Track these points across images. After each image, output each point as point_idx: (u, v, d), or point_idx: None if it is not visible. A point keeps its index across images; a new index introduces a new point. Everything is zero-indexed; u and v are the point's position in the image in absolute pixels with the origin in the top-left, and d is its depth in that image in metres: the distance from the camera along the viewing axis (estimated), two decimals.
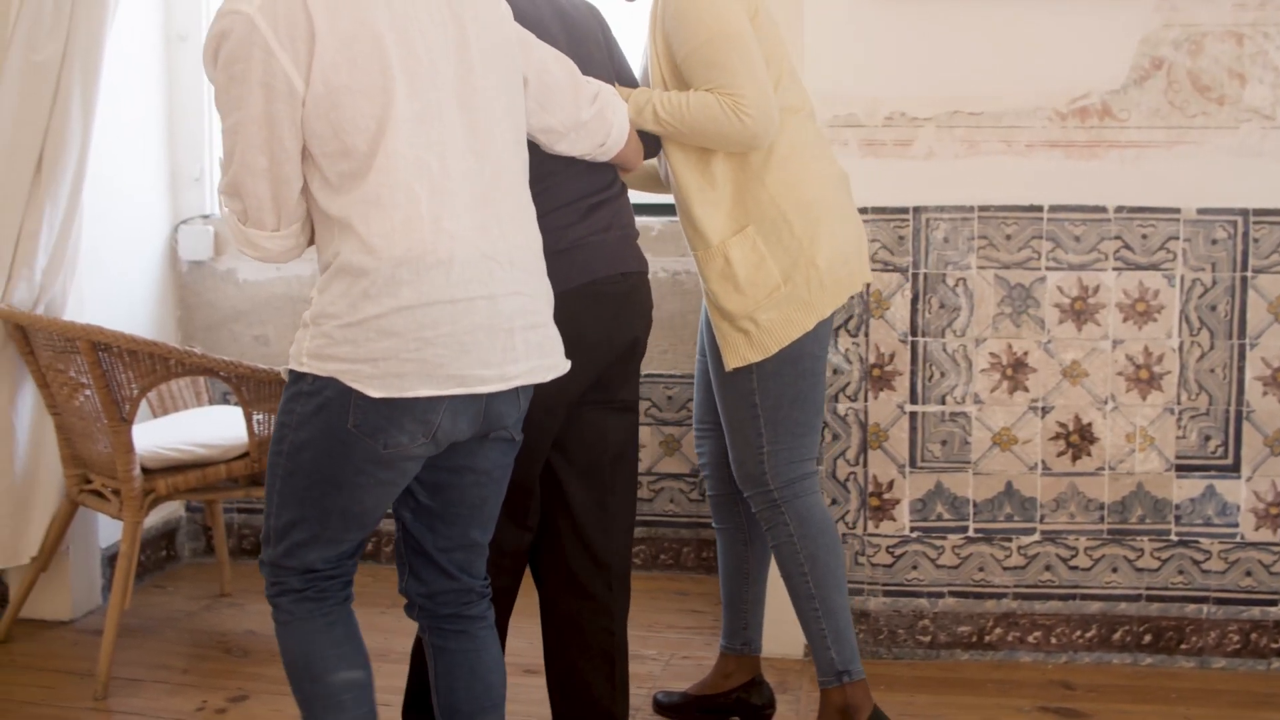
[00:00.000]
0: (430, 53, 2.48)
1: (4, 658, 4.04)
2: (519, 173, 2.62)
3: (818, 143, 3.24)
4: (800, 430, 3.24)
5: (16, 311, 3.90)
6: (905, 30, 3.81)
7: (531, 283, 2.57)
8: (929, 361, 3.88)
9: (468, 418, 2.52)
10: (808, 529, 3.25)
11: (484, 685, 2.75)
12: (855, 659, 3.27)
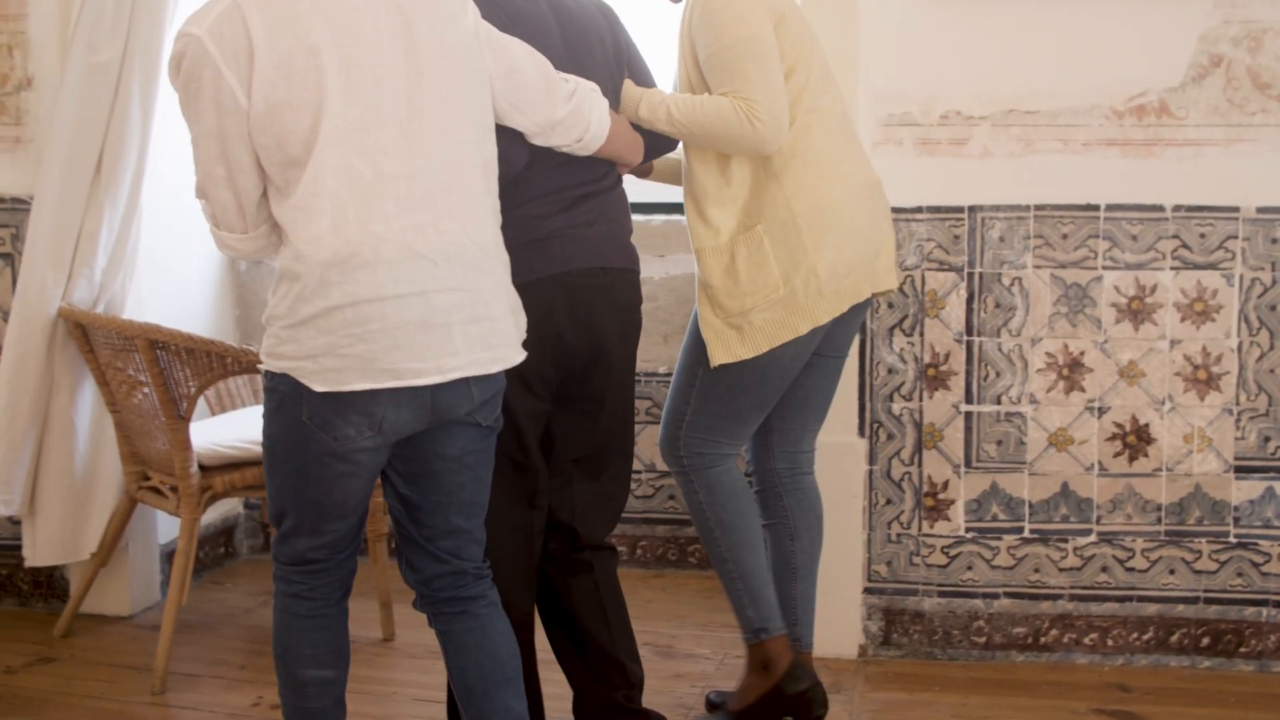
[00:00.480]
0: (374, 63, 2.60)
1: (64, 651, 4.09)
2: (474, 170, 2.71)
3: (846, 146, 3.29)
4: (726, 414, 3.35)
5: (76, 310, 3.95)
6: (961, 29, 3.79)
7: (474, 279, 2.67)
8: (984, 361, 3.86)
9: (411, 410, 2.65)
10: (715, 495, 3.38)
11: (492, 661, 2.84)
12: (773, 616, 3.40)
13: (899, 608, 3.95)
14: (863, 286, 3.28)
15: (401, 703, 3.73)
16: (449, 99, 2.68)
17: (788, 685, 3.39)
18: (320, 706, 2.89)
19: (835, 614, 3.93)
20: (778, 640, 3.39)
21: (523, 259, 2.95)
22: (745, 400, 3.34)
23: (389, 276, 2.58)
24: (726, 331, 3.25)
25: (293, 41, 2.54)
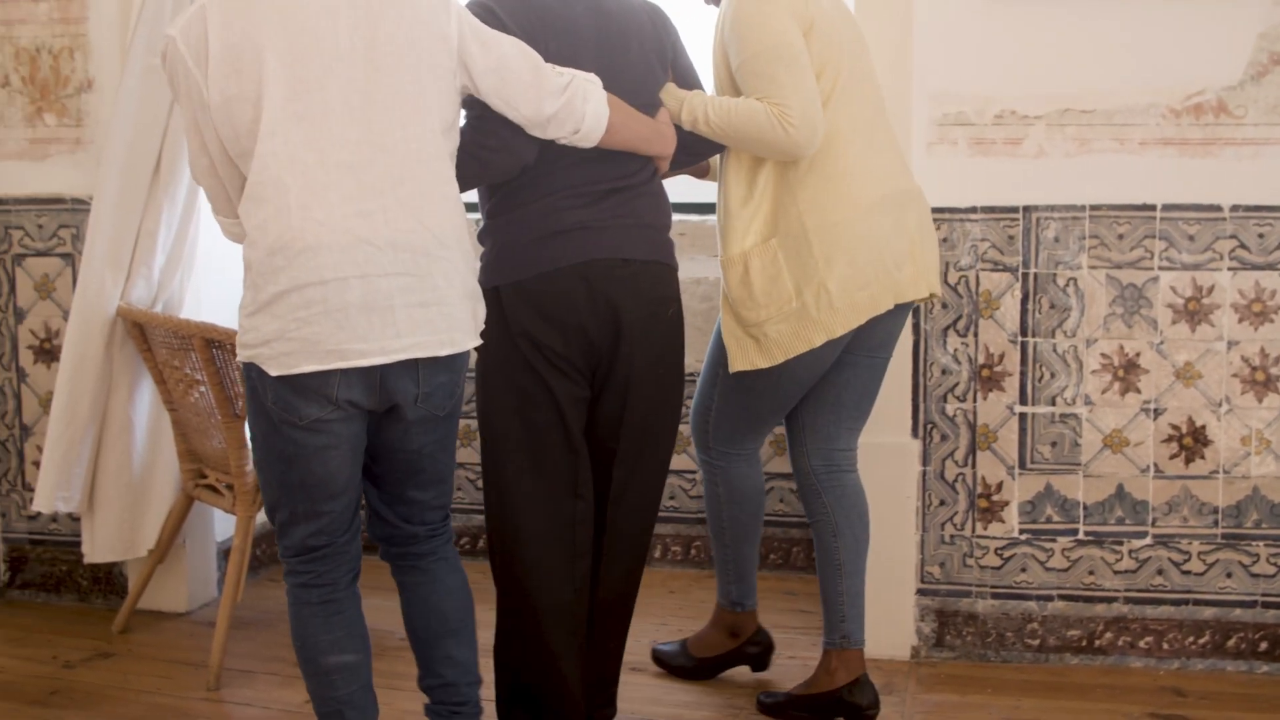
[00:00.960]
0: (324, 58, 2.72)
1: (122, 647, 4.14)
2: (434, 161, 2.81)
3: (867, 158, 3.34)
4: (742, 417, 3.57)
5: (134, 309, 3.99)
6: (1016, 28, 3.77)
7: (423, 264, 2.76)
8: (1039, 362, 3.84)
9: (361, 389, 2.76)
10: (733, 495, 3.69)
11: (437, 613, 3.03)
12: (750, 595, 3.80)
13: (952, 609, 3.93)
14: (882, 299, 3.32)
15: None
16: (409, 94, 2.77)
17: (749, 647, 3.83)
18: (349, 693, 2.95)
19: (888, 615, 3.92)
20: (749, 614, 3.82)
21: (545, 250, 3.06)
22: (762, 405, 3.53)
23: (330, 260, 2.68)
24: (745, 340, 3.37)
25: (241, 38, 2.69)
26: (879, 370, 3.54)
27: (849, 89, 3.32)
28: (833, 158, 3.29)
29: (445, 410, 2.90)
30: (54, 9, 4.35)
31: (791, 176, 3.29)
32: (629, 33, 3.19)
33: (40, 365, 4.46)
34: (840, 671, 3.53)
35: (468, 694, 3.07)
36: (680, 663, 3.89)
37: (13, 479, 4.54)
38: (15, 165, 4.42)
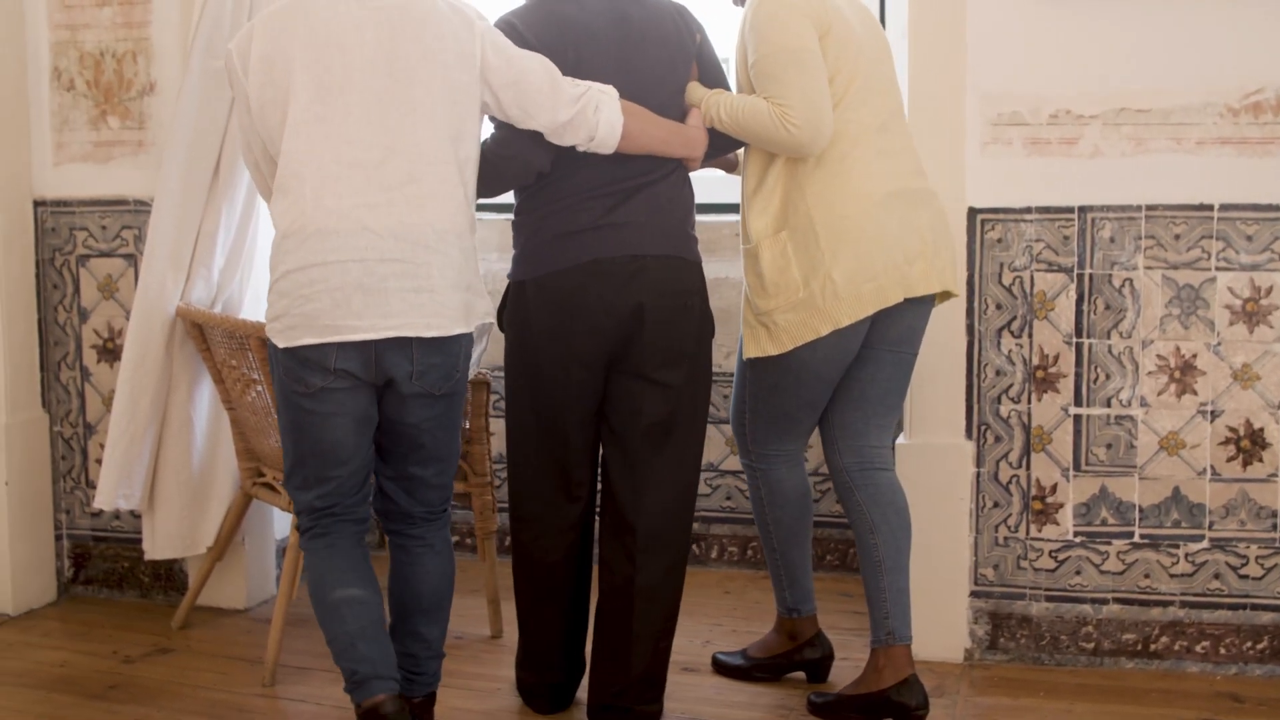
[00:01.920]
0: (347, 68, 3.04)
1: (181, 643, 4.19)
2: (444, 165, 3.08)
3: (877, 159, 3.44)
4: (773, 416, 3.63)
5: (193, 309, 4.05)
6: (1070, 26, 3.74)
7: (421, 255, 3.03)
8: (1094, 363, 3.81)
9: (357, 362, 3.05)
10: (776, 497, 3.71)
11: (413, 592, 3.30)
12: (806, 600, 3.79)
13: (1006, 611, 3.91)
14: (890, 292, 3.40)
15: (506, 697, 3.77)
16: (422, 104, 3.06)
17: (807, 652, 3.81)
18: (359, 627, 3.16)
19: (940, 617, 3.91)
20: (807, 619, 3.81)
21: (560, 248, 3.34)
22: (791, 401, 3.57)
23: (335, 244, 3.00)
24: (758, 328, 3.50)
25: (274, 49, 3.06)
26: (904, 366, 3.58)
27: (864, 93, 3.43)
28: (841, 156, 3.40)
29: (441, 390, 3.14)
30: (117, 14, 4.42)
31: (801, 172, 3.42)
32: (649, 38, 3.40)
33: (103, 364, 4.52)
34: (887, 670, 3.50)
35: (426, 666, 3.35)
36: (736, 663, 3.90)
37: (76, 477, 4.61)
38: (80, 167, 4.49)
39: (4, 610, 4.46)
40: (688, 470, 3.51)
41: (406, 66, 3.05)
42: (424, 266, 3.03)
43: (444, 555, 3.34)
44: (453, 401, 3.20)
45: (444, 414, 3.20)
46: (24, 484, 4.50)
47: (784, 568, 3.77)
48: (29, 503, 4.52)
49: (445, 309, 3.07)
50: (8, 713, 3.70)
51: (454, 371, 3.15)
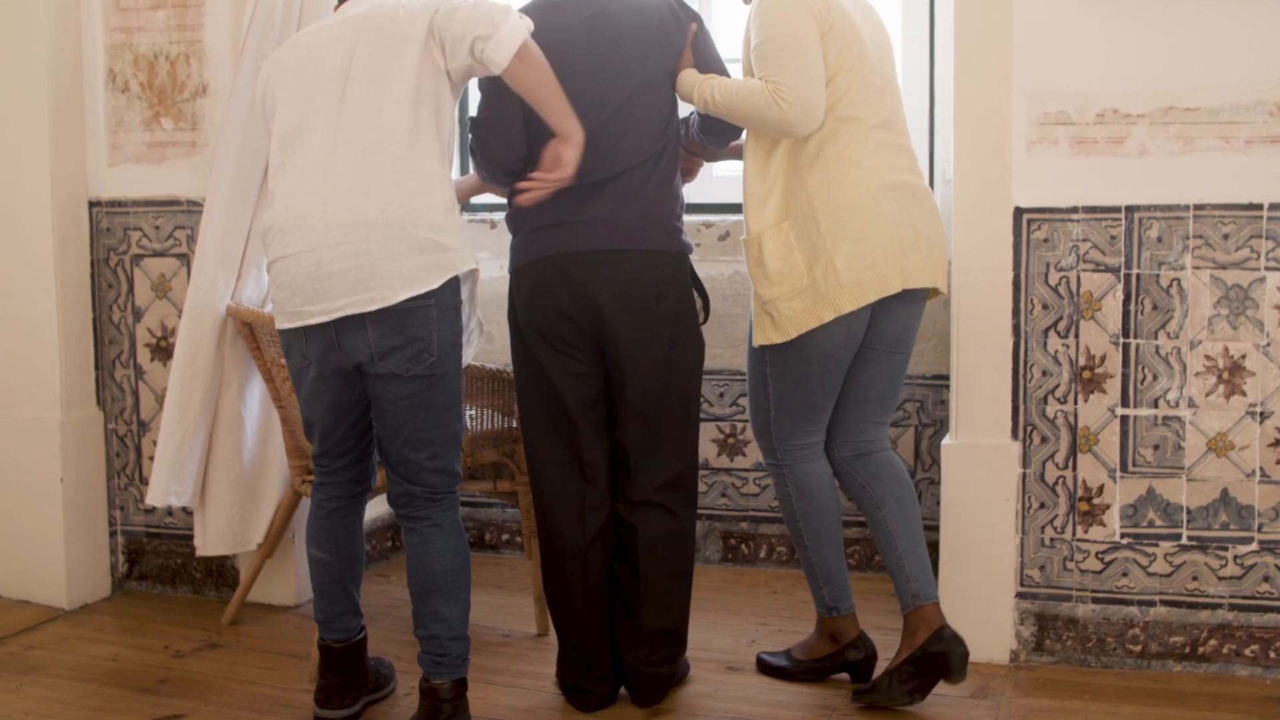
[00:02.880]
0: (319, 79, 3.34)
1: (231, 638, 4.23)
2: (396, 159, 3.27)
3: (876, 152, 3.54)
4: (801, 408, 3.67)
5: (244, 309, 4.09)
6: (1117, 25, 3.72)
7: (363, 235, 3.24)
8: (1141, 364, 3.78)
9: (320, 345, 3.32)
10: (803, 492, 3.73)
11: (427, 572, 3.42)
12: (844, 598, 3.79)
13: (1052, 613, 3.89)
14: (890, 280, 3.51)
15: (550, 696, 3.79)
16: (376, 101, 3.28)
17: (850, 654, 3.80)
18: (321, 584, 3.59)
19: (986, 618, 3.89)
20: (847, 618, 3.80)
21: (532, 242, 3.60)
22: (816, 390, 3.65)
23: (292, 239, 3.29)
24: (763, 316, 3.59)
25: (277, 69, 3.44)
26: (899, 367, 3.72)
27: (865, 89, 3.53)
28: (841, 149, 3.50)
29: (411, 372, 3.30)
30: (171, 17, 4.47)
31: (802, 162, 3.52)
32: (624, 33, 3.60)
33: (157, 363, 4.58)
34: (921, 630, 3.59)
35: (449, 647, 3.42)
36: (781, 664, 3.90)
37: (130, 474, 4.67)
38: (134, 168, 4.55)
39: (59, 605, 4.53)
40: (683, 446, 3.71)
41: (363, 67, 3.30)
42: (365, 244, 3.23)
43: (453, 535, 3.45)
44: (432, 383, 3.33)
45: (421, 395, 3.33)
46: (79, 481, 4.57)
47: (818, 565, 3.77)
48: (84, 499, 4.59)
49: (387, 281, 3.23)
50: (59, 705, 3.75)
51: (424, 353, 3.29)
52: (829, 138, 3.50)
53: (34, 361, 4.51)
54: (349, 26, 3.36)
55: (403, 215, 3.24)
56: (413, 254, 3.24)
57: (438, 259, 3.27)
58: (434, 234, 3.27)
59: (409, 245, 3.24)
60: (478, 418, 4.09)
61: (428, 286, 3.25)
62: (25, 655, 4.14)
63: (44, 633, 4.34)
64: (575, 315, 3.57)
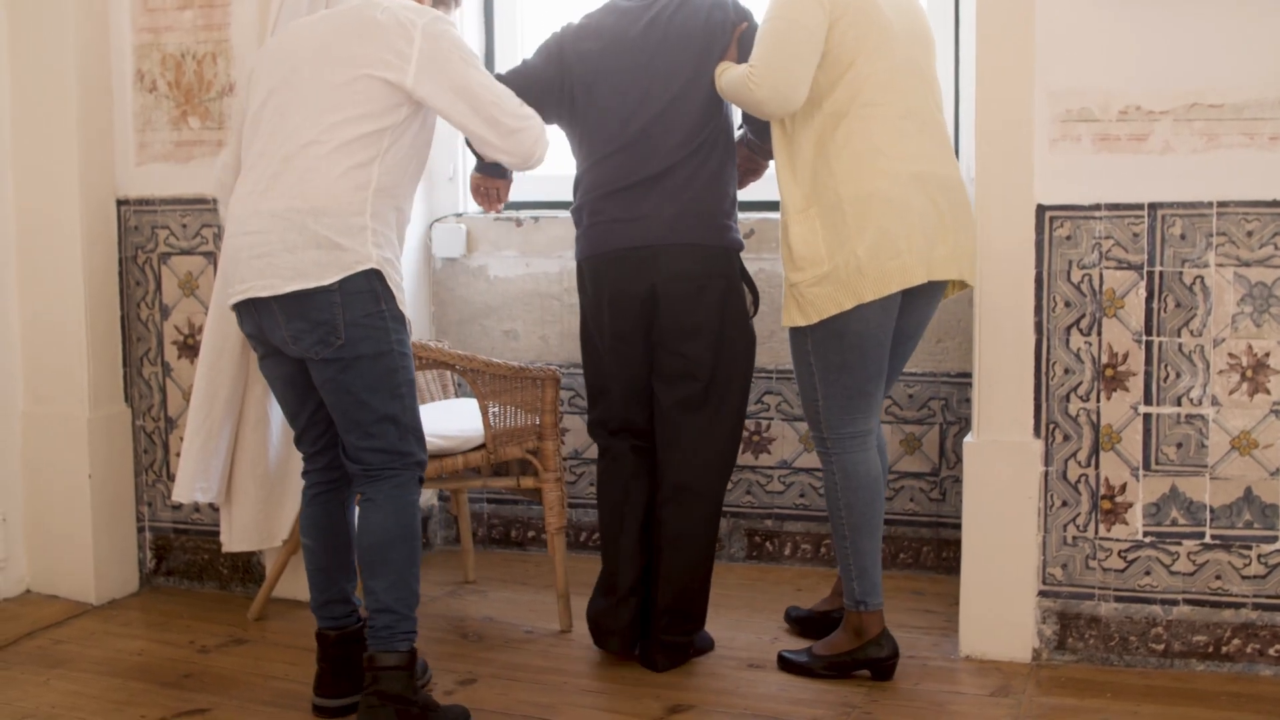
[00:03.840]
0: (269, 82, 3.51)
1: (256, 634, 4.26)
2: (325, 156, 3.39)
3: (901, 141, 3.60)
4: (848, 394, 3.72)
5: None
6: (1140, 22, 3.70)
7: (284, 224, 3.38)
8: (1164, 362, 3.77)
9: (250, 325, 3.52)
10: (850, 481, 3.77)
11: (359, 546, 3.53)
12: (873, 594, 3.80)
13: (1074, 611, 3.87)
14: (914, 271, 3.59)
15: (571, 693, 3.80)
16: (317, 98, 3.41)
17: (872, 650, 3.81)
18: (309, 570, 3.70)
19: (1008, 616, 3.89)
20: (873, 614, 3.80)
21: (588, 238, 3.89)
22: (861, 375, 3.71)
23: (234, 224, 3.48)
24: (790, 299, 3.69)
25: (258, 60, 3.63)
26: (904, 357, 3.91)
27: (890, 76, 3.60)
28: (867, 135, 3.58)
29: (320, 355, 3.41)
30: (198, 16, 4.50)
31: (830, 150, 3.60)
32: (671, 36, 3.82)
33: (184, 360, 4.61)
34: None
35: (376, 619, 3.48)
36: (802, 661, 3.90)
37: (158, 470, 4.70)
38: (161, 167, 4.59)
39: (87, 600, 4.57)
40: (719, 434, 3.90)
41: (319, 63, 3.44)
42: (285, 233, 3.37)
43: (384, 510, 3.49)
44: (345, 366, 3.42)
45: (337, 378, 3.44)
46: (107, 477, 4.61)
47: (854, 556, 3.79)
48: (112, 495, 4.63)
49: (279, 271, 3.37)
50: (85, 698, 3.79)
51: (330, 336, 3.39)
52: (854, 125, 3.58)
53: (62, 359, 4.55)
54: (324, 23, 3.51)
55: (304, 210, 3.37)
56: (309, 248, 3.37)
57: (333, 256, 3.37)
58: (332, 233, 3.37)
59: (306, 239, 3.36)
60: (501, 415, 4.10)
61: (318, 282, 3.36)
62: (53, 649, 4.18)
63: (72, 627, 4.38)
64: (625, 305, 3.83)
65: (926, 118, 3.66)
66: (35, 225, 4.54)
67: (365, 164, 3.41)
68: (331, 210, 3.37)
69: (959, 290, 3.83)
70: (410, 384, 3.51)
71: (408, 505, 3.51)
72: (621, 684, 3.84)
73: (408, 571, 3.49)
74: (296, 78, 3.45)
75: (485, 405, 4.07)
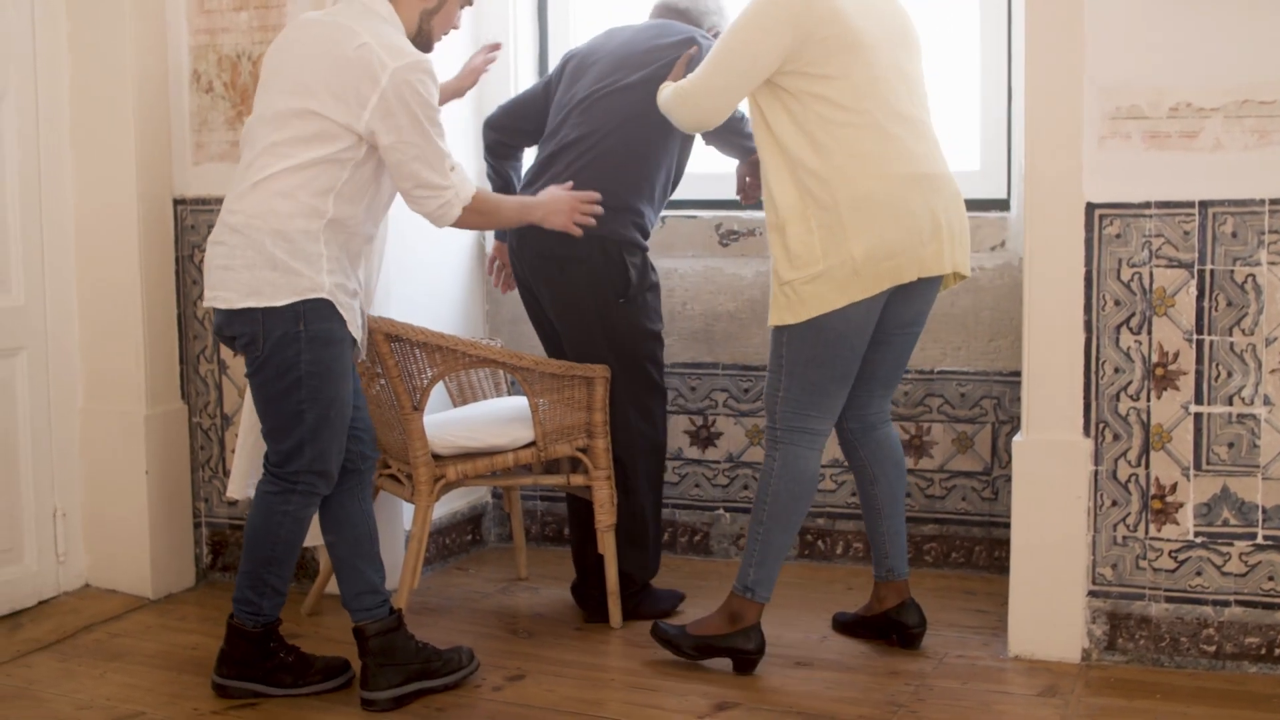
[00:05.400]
0: (276, 79, 3.63)
1: (310, 629, 4.30)
2: (270, 168, 3.55)
3: (887, 144, 3.67)
4: (812, 389, 3.78)
5: None
6: (1191, 18, 3.68)
7: (235, 238, 3.56)
8: (1215, 361, 3.74)
9: (217, 321, 3.68)
10: (787, 472, 3.82)
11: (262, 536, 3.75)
12: (764, 587, 3.86)
13: (1124, 612, 3.85)
14: (906, 269, 3.67)
15: (619, 689, 3.83)
16: (275, 114, 3.57)
17: (739, 640, 3.87)
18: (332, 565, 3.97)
19: (1057, 616, 3.87)
20: (755, 606, 3.87)
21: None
22: (825, 373, 3.76)
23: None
24: (779, 297, 3.74)
25: (270, 52, 3.73)
26: (910, 343, 3.97)
27: (868, 86, 3.67)
28: (859, 142, 3.64)
29: (250, 360, 3.64)
30: (253, 18, 4.56)
31: (824, 153, 3.65)
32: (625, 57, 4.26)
33: (239, 357, 4.64)
34: (890, 597, 4.04)
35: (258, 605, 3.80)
36: (672, 634, 3.98)
37: (214, 466, 4.76)
38: (217, 167, 4.64)
39: (144, 594, 4.63)
40: (618, 402, 4.23)
41: (284, 80, 3.59)
42: (233, 248, 3.56)
43: (256, 508, 3.76)
44: (263, 373, 3.62)
45: (255, 380, 3.66)
46: (164, 473, 4.67)
47: (761, 545, 3.85)
48: (169, 491, 4.69)
49: (226, 284, 3.57)
50: (139, 691, 3.85)
51: (253, 345, 3.59)
52: (844, 132, 3.65)
53: (120, 357, 4.62)
54: (317, 30, 3.62)
55: (262, 223, 3.53)
56: (264, 268, 3.53)
57: (287, 280, 3.53)
58: (288, 256, 3.52)
59: (263, 259, 3.53)
60: (551, 412, 4.12)
61: (270, 302, 3.53)
62: (110, 643, 4.25)
63: (129, 621, 4.44)
64: (522, 282, 4.40)
65: (916, 120, 3.75)
66: (94, 225, 4.61)
67: (323, 193, 3.56)
68: (287, 234, 3.53)
69: (957, 281, 3.92)
70: (317, 402, 3.61)
71: (274, 513, 3.72)
72: (669, 680, 3.85)
73: (264, 569, 3.75)
74: (266, 94, 3.65)
75: (535, 403, 4.09)
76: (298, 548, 3.79)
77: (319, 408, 3.61)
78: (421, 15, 3.70)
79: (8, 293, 4.47)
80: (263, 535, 3.73)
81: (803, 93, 3.66)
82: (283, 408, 3.62)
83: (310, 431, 3.62)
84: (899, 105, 3.71)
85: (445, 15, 3.76)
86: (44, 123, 4.55)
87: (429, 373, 3.96)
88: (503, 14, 5.18)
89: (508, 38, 5.17)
